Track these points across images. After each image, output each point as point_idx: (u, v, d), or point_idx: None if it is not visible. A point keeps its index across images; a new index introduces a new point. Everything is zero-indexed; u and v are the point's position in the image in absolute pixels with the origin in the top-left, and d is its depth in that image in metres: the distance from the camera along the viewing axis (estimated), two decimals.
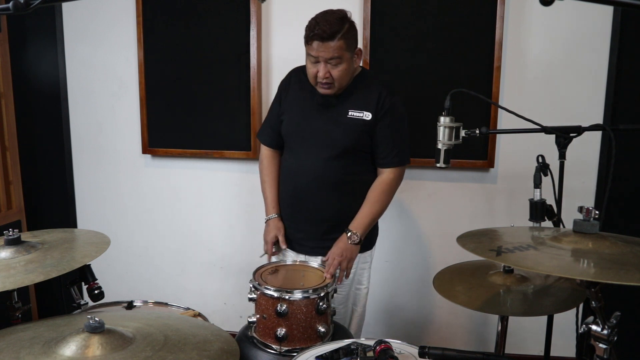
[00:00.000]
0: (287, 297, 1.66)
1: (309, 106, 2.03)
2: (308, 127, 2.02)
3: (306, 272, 1.93)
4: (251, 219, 2.91)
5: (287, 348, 1.67)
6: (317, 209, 2.04)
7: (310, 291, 1.69)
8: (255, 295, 1.74)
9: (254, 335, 1.74)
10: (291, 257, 2.13)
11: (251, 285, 1.76)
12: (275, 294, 1.67)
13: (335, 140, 1.98)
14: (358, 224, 1.99)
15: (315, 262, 1.98)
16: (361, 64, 2.07)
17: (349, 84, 1.98)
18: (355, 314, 2.17)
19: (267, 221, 2.14)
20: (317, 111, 2.02)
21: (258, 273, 1.83)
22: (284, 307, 1.65)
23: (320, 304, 1.69)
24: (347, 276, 1.99)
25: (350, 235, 1.97)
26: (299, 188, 2.04)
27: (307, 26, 1.88)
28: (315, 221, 2.05)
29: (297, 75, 2.11)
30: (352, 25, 1.91)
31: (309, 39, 1.86)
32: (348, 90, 1.99)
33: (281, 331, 1.65)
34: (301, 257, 2.10)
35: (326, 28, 1.82)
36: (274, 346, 1.68)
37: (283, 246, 2.09)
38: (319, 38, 1.83)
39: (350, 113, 1.98)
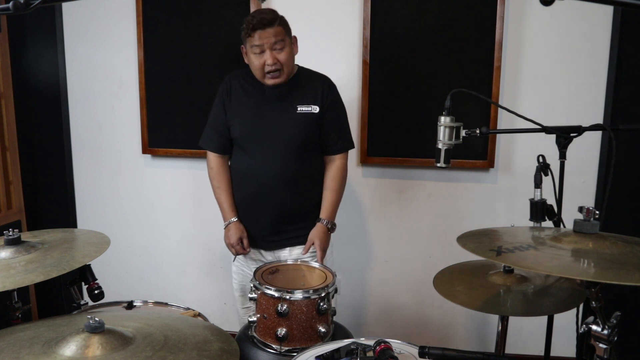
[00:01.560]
0: (287, 297, 1.66)
1: (258, 107, 2.09)
2: (261, 127, 2.08)
3: (307, 272, 1.93)
4: None
5: (287, 348, 1.67)
6: (281, 203, 2.10)
7: (311, 291, 1.69)
8: (255, 295, 1.74)
9: (254, 334, 1.74)
10: (263, 256, 2.20)
11: (251, 285, 1.76)
12: (276, 294, 1.67)
13: (290, 137, 2.07)
14: (329, 213, 2.14)
15: (315, 262, 1.99)
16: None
17: (291, 80, 2.07)
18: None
19: (227, 226, 2.18)
20: (268, 111, 2.08)
21: (258, 273, 1.83)
22: (284, 307, 1.65)
23: (321, 304, 1.69)
24: (322, 258, 2.10)
25: (326, 224, 2.13)
26: (262, 187, 2.09)
27: (244, 24, 1.99)
28: (281, 216, 2.12)
29: (236, 80, 2.16)
30: (283, 17, 2.04)
31: (250, 30, 1.96)
32: (292, 87, 2.08)
33: (282, 331, 1.65)
34: (270, 254, 2.19)
35: (264, 16, 1.96)
36: (274, 346, 1.68)
37: (247, 249, 2.16)
38: (260, 26, 1.94)
39: (299, 109, 2.07)
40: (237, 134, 2.12)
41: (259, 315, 1.73)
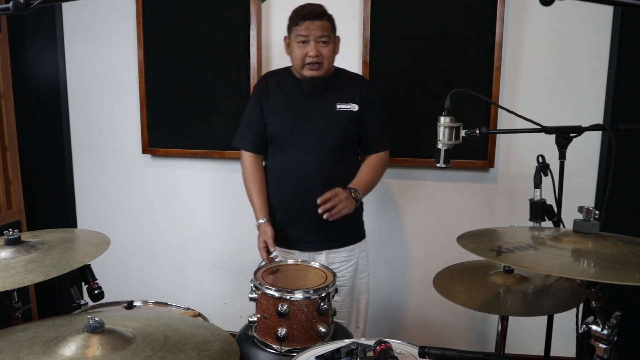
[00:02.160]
0: (288, 297, 1.66)
1: (296, 105, 2.08)
2: (300, 125, 2.06)
3: (307, 272, 1.93)
4: (251, 219, 2.89)
5: (287, 348, 1.66)
6: (316, 207, 2.04)
7: (312, 291, 1.69)
8: (256, 295, 1.74)
9: (255, 334, 1.74)
10: (297, 255, 2.14)
11: (252, 285, 1.76)
12: (277, 294, 1.67)
13: (330, 135, 2.05)
14: (359, 184, 2.06)
15: (315, 262, 1.98)
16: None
17: (329, 78, 2.07)
18: (362, 302, 2.22)
19: (258, 227, 2.15)
20: (306, 108, 2.07)
21: (259, 273, 1.83)
22: (285, 307, 1.65)
23: (322, 304, 1.69)
24: (331, 217, 1.96)
25: (353, 191, 2.02)
26: (300, 186, 2.06)
27: (292, 13, 2.00)
28: (318, 216, 2.04)
29: (273, 79, 2.15)
30: (332, 15, 2.04)
31: (298, 19, 1.96)
32: (330, 85, 2.07)
33: (282, 331, 1.65)
34: (305, 255, 2.13)
35: (315, 7, 1.97)
36: (274, 346, 1.68)
37: (272, 249, 2.09)
38: (310, 17, 1.95)
39: (338, 106, 2.06)
40: (275, 131, 2.10)
41: (259, 315, 1.73)
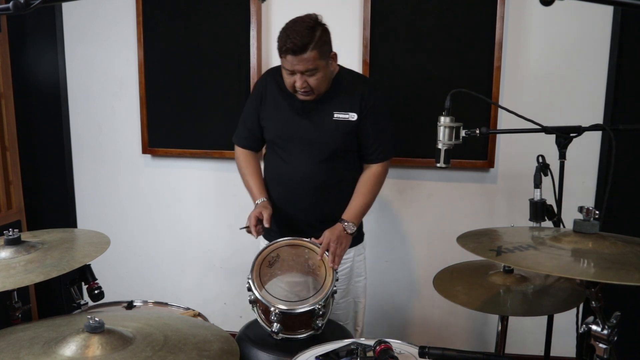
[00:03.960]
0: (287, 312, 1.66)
1: (292, 110, 2.00)
2: (295, 132, 2.01)
3: (310, 253, 1.87)
4: None
5: (284, 336, 1.68)
6: (311, 209, 2.04)
7: (311, 303, 1.68)
8: (252, 297, 1.74)
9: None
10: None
11: (247, 285, 1.75)
12: (271, 308, 1.67)
13: (323, 144, 1.99)
14: (352, 215, 1.99)
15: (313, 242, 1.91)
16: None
17: (331, 84, 1.98)
18: (360, 305, 2.19)
19: (255, 205, 2.04)
20: (302, 115, 2.00)
21: (256, 267, 1.79)
22: (279, 315, 1.66)
23: (319, 311, 1.69)
24: (338, 263, 1.87)
25: (346, 226, 1.95)
26: (292, 191, 2.04)
27: (278, 38, 1.85)
28: (310, 221, 2.04)
29: (273, 78, 2.05)
30: (324, 30, 1.88)
31: (282, 52, 1.84)
32: (330, 93, 1.98)
33: (276, 326, 1.67)
34: None
35: (297, 41, 1.79)
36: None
37: (266, 224, 1.94)
38: (292, 52, 1.80)
39: (335, 115, 1.98)
40: (270, 136, 2.07)
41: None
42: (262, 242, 2.18)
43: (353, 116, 1.98)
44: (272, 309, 1.67)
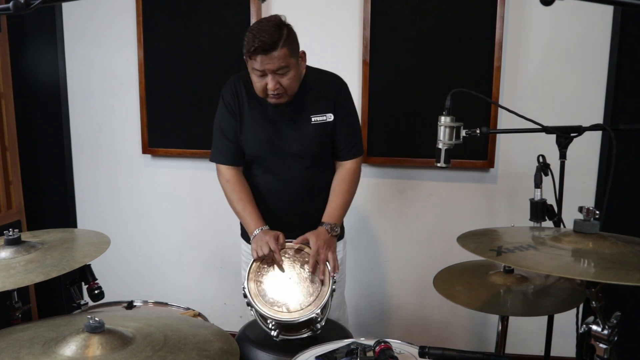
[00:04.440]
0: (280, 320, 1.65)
1: (269, 120, 1.93)
2: (277, 145, 1.94)
3: (306, 257, 1.83)
4: None
5: (283, 337, 1.67)
6: (299, 216, 2.00)
7: (311, 311, 1.67)
8: (248, 302, 1.72)
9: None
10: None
11: (244, 295, 1.73)
12: (268, 319, 1.66)
13: (307, 151, 1.94)
14: (334, 216, 1.94)
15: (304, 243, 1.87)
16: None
17: (301, 86, 1.90)
18: (340, 297, 2.17)
19: (257, 235, 1.88)
20: (280, 124, 1.93)
21: (252, 275, 1.76)
22: (276, 327, 1.65)
23: (317, 314, 1.69)
24: (337, 268, 1.82)
25: (329, 228, 1.89)
26: (276, 201, 1.99)
27: (245, 40, 1.79)
28: (298, 227, 1.96)
29: (241, 86, 1.95)
30: (290, 29, 1.83)
31: (251, 53, 1.76)
32: (302, 95, 1.91)
33: (276, 332, 1.66)
34: None
35: (266, 39, 1.73)
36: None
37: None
38: (262, 51, 1.74)
39: (313, 119, 1.93)
40: (249, 150, 1.97)
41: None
42: (243, 246, 2.16)
43: (330, 117, 1.94)
44: (269, 320, 1.65)
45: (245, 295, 1.71)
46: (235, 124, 1.96)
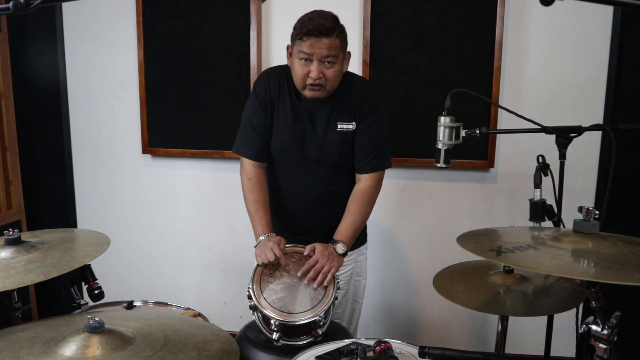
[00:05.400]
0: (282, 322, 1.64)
1: (298, 120, 1.90)
2: (302, 145, 1.91)
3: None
4: None
5: (284, 343, 1.67)
6: (316, 222, 1.99)
7: (313, 315, 1.66)
8: (252, 304, 1.72)
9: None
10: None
11: (248, 296, 1.73)
12: (272, 321, 1.65)
13: (328, 157, 1.91)
14: (343, 235, 1.88)
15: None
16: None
17: (336, 92, 1.88)
18: (357, 305, 2.16)
19: (262, 241, 1.85)
20: (307, 126, 1.90)
21: (257, 276, 1.76)
22: (278, 327, 1.65)
23: (319, 318, 1.68)
24: (329, 282, 1.74)
25: (336, 247, 1.84)
26: (293, 206, 1.97)
27: (298, 23, 1.77)
28: (314, 232, 1.97)
29: (277, 83, 1.91)
30: (344, 27, 1.84)
31: (302, 35, 1.73)
32: (335, 100, 1.89)
33: (277, 335, 1.65)
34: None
35: (323, 23, 1.72)
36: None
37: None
38: (316, 33, 1.71)
39: (339, 126, 1.89)
40: (274, 148, 1.94)
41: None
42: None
43: (353, 125, 1.90)
44: (272, 320, 1.65)
45: (249, 297, 1.72)
46: (266, 117, 1.91)
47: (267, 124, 1.92)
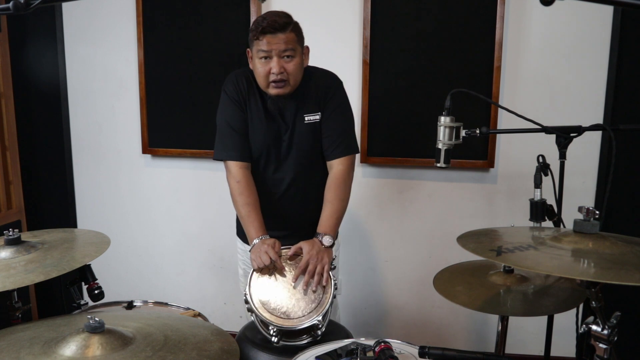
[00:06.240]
0: (281, 327, 1.64)
1: (268, 118, 1.92)
2: (274, 142, 1.93)
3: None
4: None
5: (284, 343, 1.66)
6: (299, 216, 2.00)
7: (312, 318, 1.66)
8: (249, 307, 1.72)
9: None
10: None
11: (245, 301, 1.72)
12: (270, 325, 1.65)
13: (303, 151, 1.94)
14: (326, 226, 1.87)
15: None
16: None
17: (299, 87, 1.90)
18: (337, 308, 2.16)
19: (256, 244, 1.83)
20: (278, 123, 1.93)
21: (254, 280, 1.75)
22: (277, 333, 1.64)
23: (318, 321, 1.68)
24: (323, 281, 1.74)
25: (322, 239, 1.83)
26: (275, 202, 1.98)
27: (253, 25, 1.82)
28: (299, 225, 1.99)
29: (245, 81, 1.93)
30: (297, 23, 1.87)
31: (259, 34, 1.78)
32: (298, 94, 1.91)
33: (276, 338, 1.65)
34: None
35: (277, 19, 1.78)
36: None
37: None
38: (271, 30, 1.77)
39: (307, 118, 1.92)
40: (253, 151, 1.96)
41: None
42: (239, 244, 2.15)
43: (319, 115, 1.93)
44: (270, 326, 1.64)
45: (246, 301, 1.71)
46: (243, 115, 1.92)
47: (246, 121, 1.93)
